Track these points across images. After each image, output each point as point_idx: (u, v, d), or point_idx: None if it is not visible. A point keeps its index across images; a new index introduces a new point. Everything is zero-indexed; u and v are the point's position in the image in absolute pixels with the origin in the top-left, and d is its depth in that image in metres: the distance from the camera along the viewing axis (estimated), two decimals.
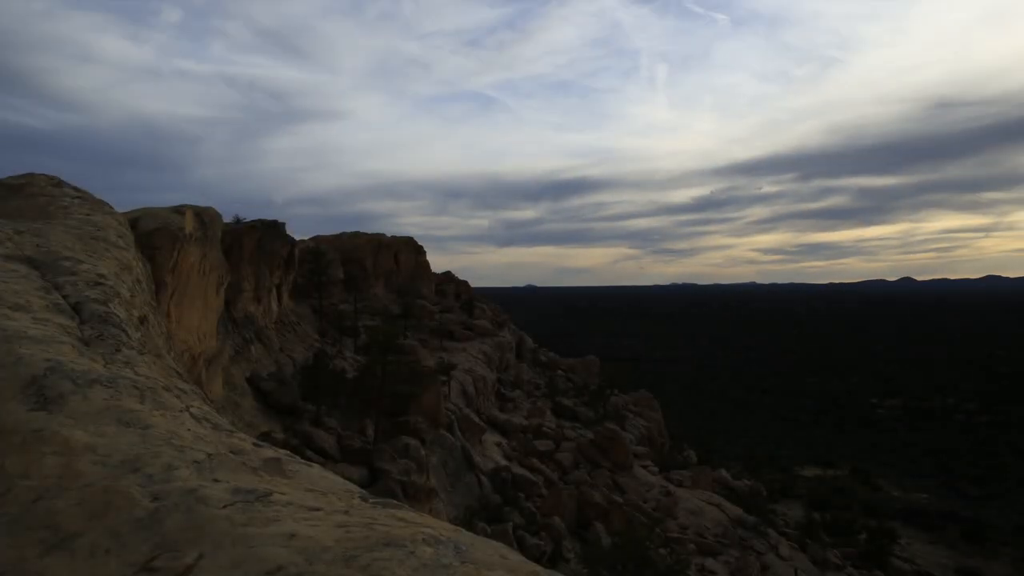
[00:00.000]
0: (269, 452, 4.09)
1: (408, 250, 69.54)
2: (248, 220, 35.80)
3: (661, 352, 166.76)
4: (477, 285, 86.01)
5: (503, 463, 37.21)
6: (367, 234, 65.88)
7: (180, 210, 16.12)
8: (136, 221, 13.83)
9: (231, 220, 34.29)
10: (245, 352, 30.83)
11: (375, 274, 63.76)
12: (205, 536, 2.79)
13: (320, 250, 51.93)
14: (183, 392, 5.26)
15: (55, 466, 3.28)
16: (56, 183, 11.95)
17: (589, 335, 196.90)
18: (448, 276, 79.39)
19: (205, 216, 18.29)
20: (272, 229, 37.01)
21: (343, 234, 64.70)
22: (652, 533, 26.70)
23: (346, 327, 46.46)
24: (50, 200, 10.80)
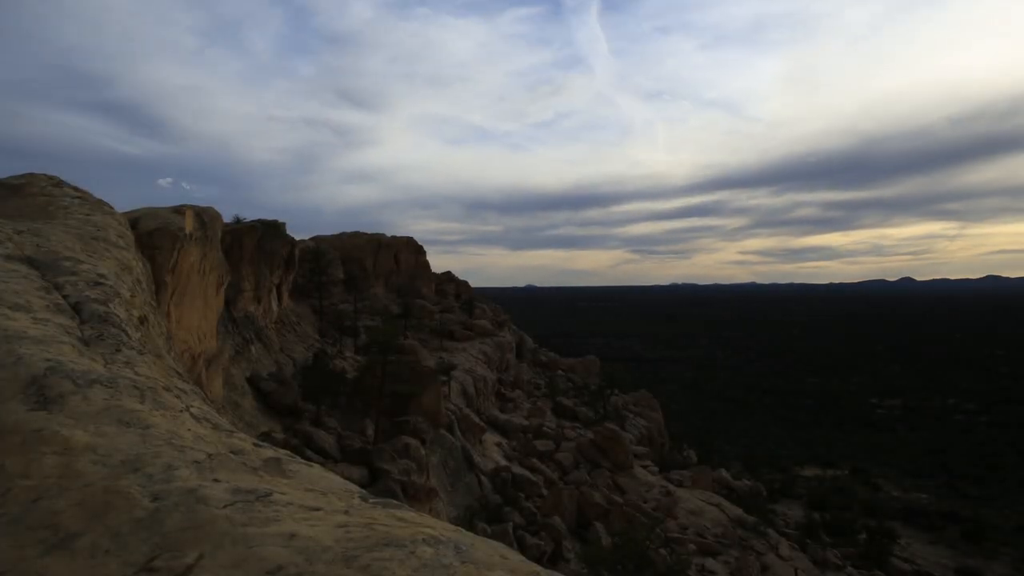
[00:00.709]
0: (269, 452, 4.09)
1: (408, 250, 69.43)
2: (248, 220, 35.81)
3: (661, 352, 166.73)
4: (480, 285, 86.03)
5: (503, 463, 37.21)
6: (367, 234, 65.78)
7: (180, 210, 16.12)
8: (136, 221, 13.83)
9: (231, 220, 34.31)
10: (245, 352, 30.82)
11: (375, 274, 63.73)
12: (205, 536, 2.79)
13: (320, 250, 51.93)
14: (183, 392, 5.26)
15: (55, 466, 3.28)
16: (56, 183, 11.94)
17: (589, 335, 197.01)
18: (448, 276, 79.31)
19: (205, 216, 18.29)
20: (272, 229, 37.01)
21: (343, 234, 64.62)
22: (652, 533, 26.69)
23: (346, 327, 46.45)
24: (50, 200, 10.80)
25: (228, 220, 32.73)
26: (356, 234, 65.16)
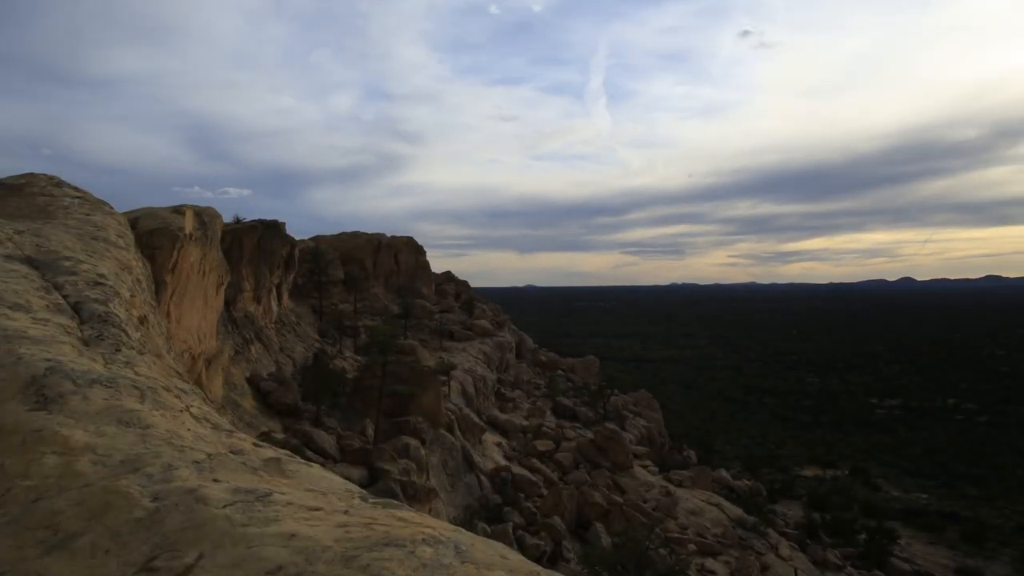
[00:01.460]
0: (269, 452, 4.09)
1: (408, 250, 69.31)
2: (248, 220, 35.80)
3: (661, 352, 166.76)
4: (479, 285, 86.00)
5: (503, 463, 37.21)
6: (367, 234, 65.63)
7: (180, 210, 16.11)
8: (136, 221, 13.83)
9: (231, 220, 34.30)
10: (245, 352, 30.82)
11: (375, 274, 63.67)
12: (205, 536, 2.79)
13: (320, 250, 51.92)
14: (183, 392, 5.26)
15: (55, 466, 3.28)
16: (56, 183, 11.94)
17: (589, 335, 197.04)
18: (448, 276, 79.24)
19: (205, 216, 18.29)
20: (272, 229, 36.98)
21: (343, 234, 64.50)
22: (652, 533, 26.68)
23: (346, 327, 46.44)
24: (50, 200, 10.80)
25: (228, 220, 32.74)
26: (356, 234, 65.03)
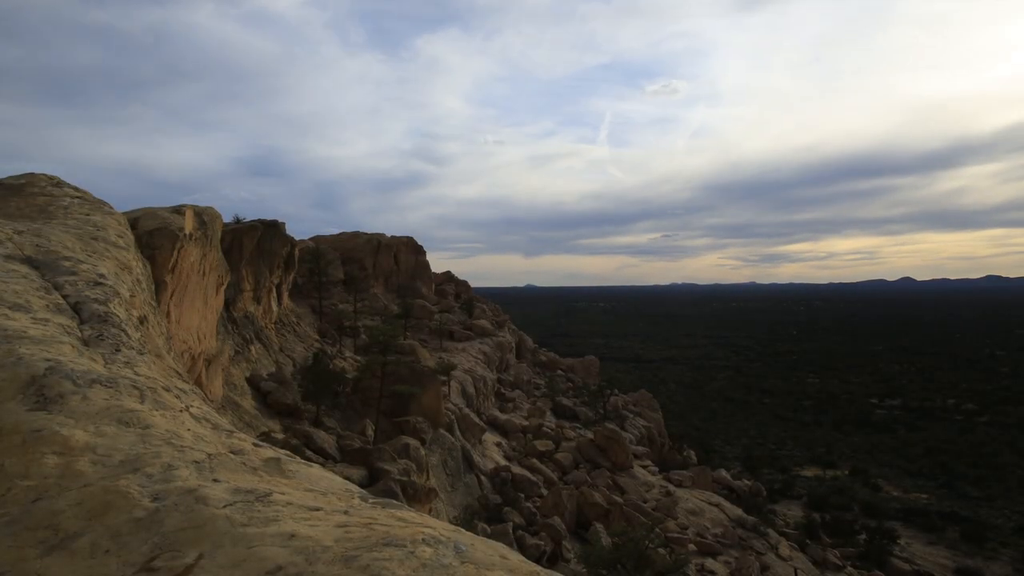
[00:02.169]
0: (269, 452, 4.09)
1: (408, 250, 69.31)
2: (248, 220, 35.79)
3: (661, 352, 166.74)
4: (479, 285, 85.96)
5: (503, 463, 37.22)
6: (367, 234, 65.66)
7: (180, 210, 16.10)
8: (136, 221, 13.83)
9: (231, 220, 34.29)
10: (245, 352, 30.81)
11: (375, 274, 63.66)
12: (205, 536, 2.79)
13: (320, 250, 51.92)
14: (183, 392, 5.26)
15: (55, 466, 3.28)
16: (56, 183, 11.94)
17: (589, 335, 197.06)
18: (448, 276, 79.24)
19: (205, 216, 18.28)
20: (272, 229, 36.98)
21: (343, 234, 64.54)
22: (652, 533, 26.64)
23: (346, 327, 46.45)
24: (50, 200, 10.80)
25: (228, 220, 32.73)
26: (356, 234, 65.05)
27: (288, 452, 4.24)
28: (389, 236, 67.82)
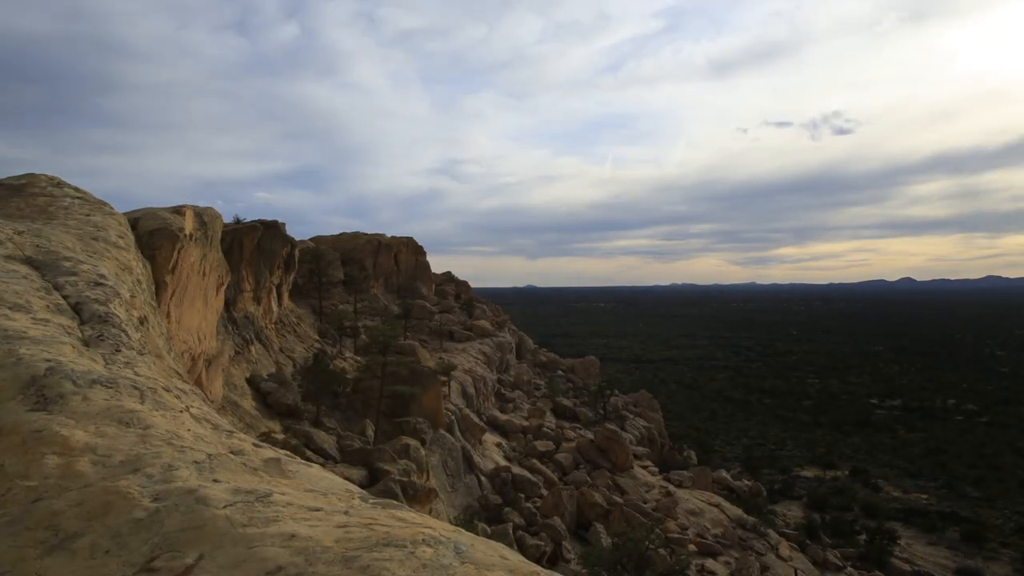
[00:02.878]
0: (269, 452, 4.09)
1: (408, 250, 69.29)
2: (248, 220, 35.82)
3: (661, 352, 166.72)
4: (479, 286, 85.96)
5: (503, 463, 37.21)
6: (367, 234, 65.65)
7: (180, 210, 16.10)
8: (136, 221, 13.82)
9: (231, 220, 34.31)
10: (245, 352, 30.82)
11: (375, 274, 63.66)
12: (205, 536, 2.79)
13: (320, 250, 51.94)
14: (183, 392, 5.26)
15: (55, 466, 3.28)
16: (57, 183, 11.94)
17: (589, 335, 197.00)
18: (448, 276, 79.21)
19: (205, 216, 18.27)
20: (272, 229, 37.00)
21: (343, 234, 64.52)
22: (652, 533, 26.65)
23: (346, 327, 46.48)
24: (51, 200, 10.80)
25: (228, 220, 32.74)
26: (356, 234, 65.04)
27: (288, 452, 4.24)
28: (389, 236, 67.80)
